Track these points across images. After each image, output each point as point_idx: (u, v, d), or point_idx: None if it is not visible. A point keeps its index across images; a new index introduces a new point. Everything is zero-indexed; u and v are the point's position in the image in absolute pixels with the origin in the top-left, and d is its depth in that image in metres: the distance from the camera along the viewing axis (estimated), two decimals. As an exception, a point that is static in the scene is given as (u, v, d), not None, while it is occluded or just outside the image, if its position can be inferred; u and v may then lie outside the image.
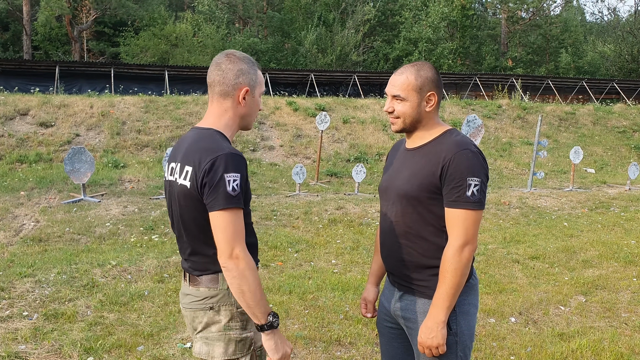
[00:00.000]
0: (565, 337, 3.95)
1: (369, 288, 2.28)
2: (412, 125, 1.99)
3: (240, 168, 1.75)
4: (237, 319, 1.84)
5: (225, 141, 1.84)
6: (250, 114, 1.96)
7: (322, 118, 10.98)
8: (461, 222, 1.83)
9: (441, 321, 1.84)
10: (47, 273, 4.97)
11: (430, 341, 1.86)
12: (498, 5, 38.20)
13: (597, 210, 9.15)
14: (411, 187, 1.92)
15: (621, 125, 18.37)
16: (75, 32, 29.79)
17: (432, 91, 1.94)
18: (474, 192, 1.82)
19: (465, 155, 1.83)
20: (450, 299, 1.84)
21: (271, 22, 35.12)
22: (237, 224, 1.73)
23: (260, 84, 1.95)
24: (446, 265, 1.84)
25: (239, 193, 1.73)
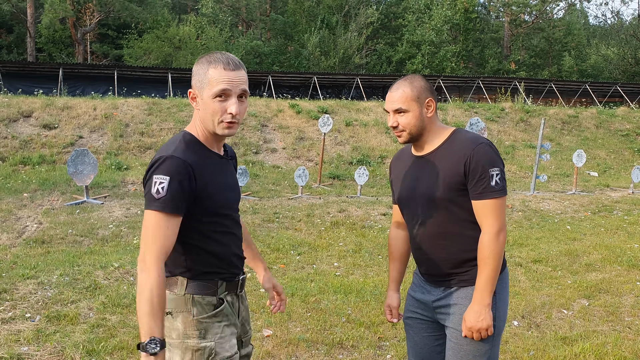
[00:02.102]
0: (568, 340, 3.93)
1: (391, 295, 2.39)
2: (418, 134, 2.09)
3: (171, 172, 1.68)
4: (194, 327, 1.78)
5: (186, 144, 1.79)
6: (205, 118, 1.80)
7: (325, 121, 10.98)
8: (491, 210, 1.97)
9: (487, 304, 1.97)
10: (49, 275, 4.98)
11: (480, 324, 1.96)
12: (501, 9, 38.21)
13: (600, 213, 9.12)
14: (439, 190, 2.03)
15: (624, 129, 18.33)
16: (78, 34, 29.89)
17: (429, 97, 2.06)
18: (497, 181, 1.96)
19: (482, 148, 1.97)
20: (492, 282, 1.97)
21: (274, 24, 35.18)
22: (155, 229, 1.66)
23: (209, 85, 1.75)
24: (486, 252, 1.96)
25: (164, 197, 1.66)
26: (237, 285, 1.93)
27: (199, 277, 1.82)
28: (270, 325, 4.05)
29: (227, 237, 1.87)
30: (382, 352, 3.69)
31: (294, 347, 3.68)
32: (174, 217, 1.69)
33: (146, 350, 1.60)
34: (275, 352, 3.61)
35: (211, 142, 1.86)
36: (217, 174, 1.86)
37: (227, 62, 1.76)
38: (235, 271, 1.91)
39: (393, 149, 14.30)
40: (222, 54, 1.79)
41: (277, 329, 3.98)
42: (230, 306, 1.90)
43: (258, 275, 2.21)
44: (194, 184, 1.73)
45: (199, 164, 1.78)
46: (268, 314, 4.28)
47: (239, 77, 1.78)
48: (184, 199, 1.71)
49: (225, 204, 1.85)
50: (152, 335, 1.60)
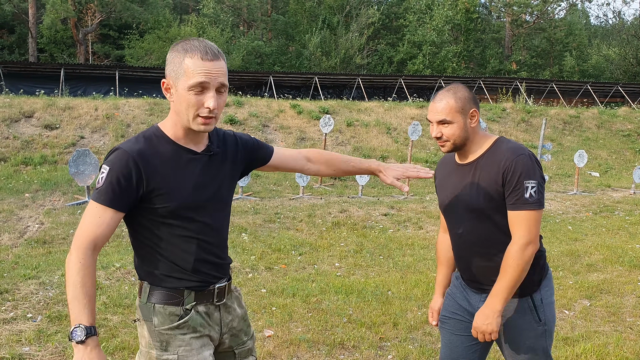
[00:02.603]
0: (570, 341, 3.93)
1: (436, 299, 2.43)
2: (462, 144, 2.10)
3: (113, 163, 1.59)
4: (157, 338, 1.68)
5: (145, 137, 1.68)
6: (179, 111, 1.64)
7: (326, 121, 10.98)
8: (523, 222, 1.96)
9: (498, 310, 1.98)
10: (51, 275, 4.98)
11: (485, 327, 1.99)
12: (502, 9, 38.19)
13: (601, 214, 9.11)
14: (478, 201, 2.04)
15: (626, 129, 18.31)
16: (80, 34, 29.92)
17: (473, 108, 2.07)
18: (532, 194, 1.95)
19: (521, 160, 1.96)
20: (508, 291, 1.97)
21: (275, 25, 35.18)
22: (87, 218, 1.59)
23: (185, 76, 1.58)
24: (509, 261, 1.96)
25: (100, 187, 1.59)
26: (211, 295, 1.76)
27: (162, 283, 1.70)
28: (271, 325, 4.05)
29: (191, 242, 1.70)
30: (383, 353, 3.69)
31: (295, 348, 3.69)
32: (108, 209, 1.59)
33: (72, 338, 1.51)
34: (277, 352, 3.62)
35: (183, 138, 1.70)
36: (181, 171, 1.68)
37: (205, 51, 1.59)
38: (207, 279, 1.75)
39: (394, 149, 14.31)
40: (199, 41, 1.62)
41: (278, 329, 3.98)
42: (204, 317, 1.75)
43: (380, 175, 2.06)
44: (136, 180, 1.60)
45: (152, 160, 1.64)
46: (269, 314, 4.28)
47: (217, 68, 1.60)
48: (122, 193, 1.59)
49: (186, 205, 1.67)
50: (78, 322, 1.51)
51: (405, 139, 14.96)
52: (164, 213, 1.65)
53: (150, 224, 1.67)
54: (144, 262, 1.73)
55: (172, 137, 1.70)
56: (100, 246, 1.60)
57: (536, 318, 2.06)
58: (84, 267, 1.55)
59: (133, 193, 1.61)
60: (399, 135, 15.36)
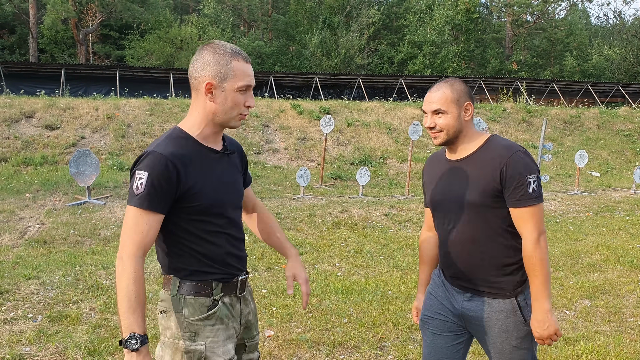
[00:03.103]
0: (571, 341, 3.93)
1: (419, 297, 2.42)
2: (454, 136, 2.09)
3: (151, 167, 1.64)
4: (186, 328, 1.74)
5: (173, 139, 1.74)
6: (223, 110, 1.75)
7: (327, 121, 10.99)
8: (530, 217, 1.98)
9: (548, 310, 1.98)
10: (51, 275, 4.99)
11: (547, 331, 1.98)
12: (503, 9, 38.18)
13: (602, 214, 9.11)
14: (473, 195, 2.03)
15: (626, 129, 18.30)
16: (81, 35, 29.94)
17: (468, 101, 2.09)
18: (534, 188, 1.97)
19: (518, 156, 1.98)
20: (546, 288, 1.98)
21: (276, 25, 35.19)
22: (133, 225, 1.64)
23: (235, 77, 1.72)
24: (532, 260, 1.97)
25: (142, 193, 1.63)
26: (235, 287, 1.84)
27: (191, 277, 1.77)
28: (271, 325, 4.05)
29: (220, 237, 1.79)
30: (383, 353, 3.69)
31: (295, 348, 3.69)
32: (152, 214, 1.65)
33: (127, 347, 1.58)
34: (277, 352, 3.62)
35: (206, 137, 1.80)
36: (209, 170, 1.78)
37: (245, 56, 1.77)
38: (233, 272, 1.84)
39: (394, 150, 14.30)
40: (231, 45, 1.76)
41: (278, 329, 3.98)
42: (228, 308, 1.83)
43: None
44: (175, 181, 1.67)
45: (185, 160, 1.71)
46: (269, 314, 4.28)
47: (252, 71, 1.81)
48: (164, 196, 1.66)
49: (216, 202, 1.77)
50: (132, 331, 1.58)
51: (405, 139, 14.95)
52: (198, 210, 1.73)
53: (183, 222, 1.74)
54: (174, 258, 1.78)
55: (197, 137, 1.78)
56: (147, 251, 1.68)
57: (521, 319, 2.05)
58: (139, 277, 1.62)
59: (172, 194, 1.68)
60: (399, 135, 15.36)
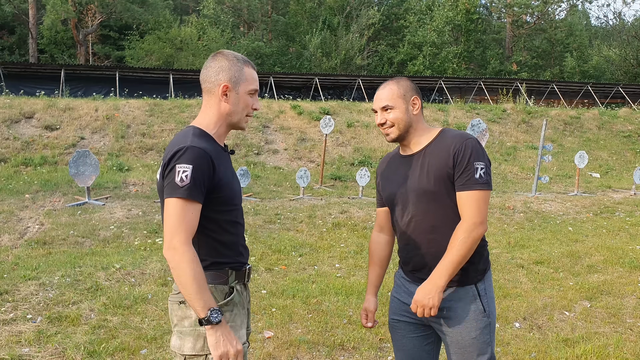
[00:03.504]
0: (570, 342, 3.92)
1: (369, 299, 2.40)
2: (405, 130, 2.14)
3: (193, 160, 1.75)
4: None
5: (198, 136, 1.86)
6: (236, 111, 1.94)
7: (327, 122, 10.98)
8: (473, 202, 1.99)
9: (440, 286, 1.97)
10: (51, 276, 4.98)
11: (427, 301, 1.97)
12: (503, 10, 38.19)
13: (602, 215, 9.11)
14: (428, 183, 2.05)
15: (626, 130, 18.31)
16: (80, 35, 29.95)
17: (414, 95, 2.14)
18: (482, 175, 1.99)
19: (469, 143, 2.02)
20: (453, 267, 1.96)
21: (276, 26, 35.21)
22: (181, 215, 1.72)
23: (247, 81, 1.93)
24: (458, 237, 1.97)
25: (188, 184, 1.73)
26: (244, 275, 1.98)
27: (211, 267, 1.87)
28: (271, 326, 4.05)
29: (237, 227, 1.94)
30: (383, 354, 3.68)
31: (295, 349, 3.68)
32: (196, 204, 1.76)
33: (211, 322, 1.70)
34: (277, 353, 3.61)
35: (220, 136, 1.96)
36: (227, 165, 1.94)
37: (253, 65, 1.99)
38: (243, 260, 1.97)
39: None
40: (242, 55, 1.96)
41: (278, 330, 3.98)
42: (239, 294, 1.94)
43: None
44: (212, 173, 1.81)
45: (214, 154, 1.85)
46: (269, 315, 4.28)
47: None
48: (203, 187, 1.78)
49: (235, 195, 1.94)
50: (210, 307, 1.71)
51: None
52: (223, 200, 1.86)
53: (211, 213, 1.85)
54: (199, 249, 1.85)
55: (213, 136, 1.94)
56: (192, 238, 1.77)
57: (480, 308, 2.05)
58: (197, 259, 1.72)
59: (208, 186, 1.81)
60: (399, 136, 15.36)
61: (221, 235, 1.88)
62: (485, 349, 2.07)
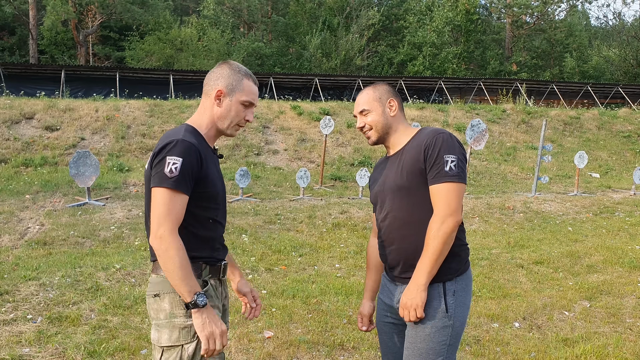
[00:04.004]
0: (570, 342, 3.93)
1: (365, 303, 2.40)
2: (384, 132, 2.18)
3: (183, 153, 1.81)
4: (181, 306, 1.86)
5: (190, 133, 1.92)
6: (226, 116, 2.01)
7: (327, 122, 10.99)
8: (443, 194, 1.97)
9: (422, 284, 1.96)
10: (51, 276, 4.99)
11: (410, 301, 1.97)
12: (502, 10, 38.20)
13: (601, 215, 9.11)
14: (401, 179, 2.07)
15: (626, 130, 18.32)
16: (81, 36, 29.96)
17: (390, 98, 2.18)
18: (452, 167, 1.98)
19: (441, 137, 2.02)
20: (432, 264, 1.96)
21: (276, 26, 35.22)
22: (169, 205, 1.78)
23: (243, 92, 2.00)
24: (430, 234, 1.96)
25: (177, 176, 1.79)
26: (219, 270, 2.02)
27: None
28: (271, 326, 4.05)
29: (216, 225, 1.99)
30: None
31: (295, 349, 3.69)
32: (183, 195, 1.82)
33: (197, 305, 1.77)
34: (276, 353, 3.62)
35: (210, 138, 2.03)
36: (214, 164, 2.01)
37: (255, 80, 2.06)
38: (219, 257, 2.02)
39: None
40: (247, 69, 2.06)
41: (278, 330, 3.99)
42: (215, 289, 1.99)
43: (233, 283, 2.26)
44: (199, 168, 1.87)
45: (203, 151, 1.91)
46: (269, 315, 4.29)
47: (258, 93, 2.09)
48: (191, 180, 1.84)
49: (219, 195, 1.98)
50: (196, 291, 1.78)
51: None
52: (207, 196, 1.92)
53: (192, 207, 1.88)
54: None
55: (204, 136, 2.01)
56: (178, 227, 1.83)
57: (443, 307, 2.00)
58: (183, 247, 1.78)
59: (195, 179, 1.87)
60: (399, 136, 15.37)
61: (198, 229, 1.92)
62: (440, 351, 2.00)
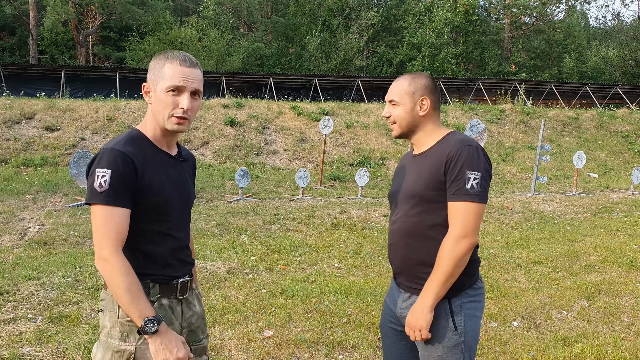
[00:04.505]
0: (568, 341, 3.95)
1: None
2: (409, 130, 2.05)
3: (112, 164, 1.66)
4: (118, 328, 1.74)
5: (130, 139, 1.78)
6: (158, 111, 1.80)
7: (326, 122, 11.01)
8: (460, 213, 1.86)
9: (428, 306, 1.89)
10: (51, 276, 5.00)
11: (415, 322, 1.91)
12: (501, 11, 38.23)
13: (600, 215, 9.14)
14: (418, 186, 1.96)
15: (624, 130, 18.34)
16: (81, 36, 29.97)
17: (424, 96, 2.01)
18: (474, 185, 1.85)
19: (466, 150, 1.88)
20: (441, 286, 1.87)
21: (275, 27, 35.24)
22: (107, 224, 1.65)
23: (164, 79, 1.77)
24: (442, 254, 1.87)
25: (107, 190, 1.65)
26: (175, 289, 1.85)
27: None
28: (271, 326, 4.07)
29: (166, 239, 1.82)
30: (382, 353, 3.70)
31: (294, 348, 3.70)
32: (120, 209, 1.67)
33: (146, 332, 1.65)
34: (276, 352, 3.63)
35: (160, 140, 1.85)
36: (163, 172, 1.81)
37: (184, 59, 1.79)
38: (172, 274, 1.84)
39: (394, 151, 14.33)
40: (179, 52, 1.82)
41: (277, 329, 4.00)
42: (167, 310, 1.83)
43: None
44: (134, 177, 1.71)
45: (141, 159, 1.74)
46: (269, 314, 4.30)
47: (194, 74, 1.79)
48: (127, 190, 1.68)
49: (167, 203, 1.80)
50: (145, 317, 1.64)
51: (404, 140, 14.98)
52: (147, 209, 1.74)
53: (133, 221, 1.73)
54: None
55: (151, 139, 1.84)
56: (122, 246, 1.69)
57: (451, 325, 1.92)
58: (129, 268, 1.65)
59: (132, 190, 1.71)
60: (398, 136, 15.38)
61: (144, 245, 1.77)
62: None
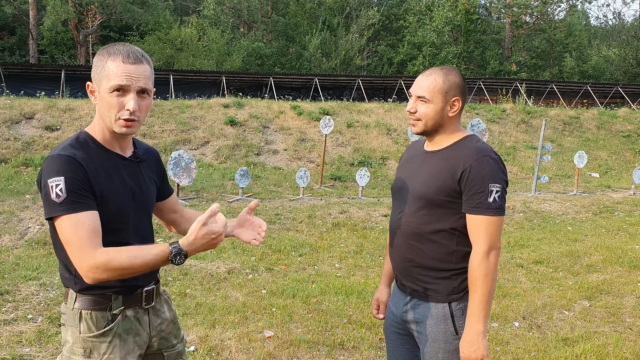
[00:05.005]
0: (569, 342, 3.94)
1: (381, 289, 2.28)
2: (433, 129, 1.97)
3: (63, 170, 1.53)
4: (80, 344, 1.65)
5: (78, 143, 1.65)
6: (103, 113, 1.63)
7: (326, 122, 11.00)
8: (484, 228, 1.84)
9: (480, 331, 1.82)
10: (52, 276, 5.00)
11: (473, 354, 1.82)
12: (502, 10, 38.20)
13: (601, 214, 9.12)
14: (429, 190, 1.91)
15: (626, 130, 18.32)
16: (81, 36, 29.96)
17: (457, 97, 1.94)
18: (496, 199, 1.83)
19: (486, 161, 1.84)
20: (484, 306, 1.83)
21: (276, 26, 35.23)
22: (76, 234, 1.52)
23: (107, 77, 1.60)
24: (475, 274, 1.83)
25: (67, 198, 1.52)
26: (139, 299, 1.75)
27: (88, 290, 1.66)
28: (271, 326, 4.06)
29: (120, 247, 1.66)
30: (383, 354, 3.70)
31: (295, 348, 3.69)
32: (86, 212, 1.54)
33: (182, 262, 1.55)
34: (277, 353, 3.62)
35: (110, 142, 1.71)
36: (115, 177, 1.69)
37: (127, 55, 1.61)
38: (136, 284, 1.73)
39: (394, 150, 14.32)
40: (123, 45, 1.64)
41: (278, 330, 3.99)
42: (132, 321, 1.74)
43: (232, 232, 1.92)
44: (88, 181, 1.58)
45: (90, 164, 1.62)
46: (269, 315, 4.29)
47: (139, 71, 1.62)
48: (86, 192, 1.56)
49: (120, 211, 1.67)
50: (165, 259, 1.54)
51: (405, 139, 14.97)
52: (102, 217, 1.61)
53: None
54: (73, 270, 1.66)
55: (101, 142, 1.70)
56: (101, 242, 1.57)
57: (452, 329, 1.90)
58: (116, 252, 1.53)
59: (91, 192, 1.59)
60: (399, 136, 15.38)
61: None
62: None
